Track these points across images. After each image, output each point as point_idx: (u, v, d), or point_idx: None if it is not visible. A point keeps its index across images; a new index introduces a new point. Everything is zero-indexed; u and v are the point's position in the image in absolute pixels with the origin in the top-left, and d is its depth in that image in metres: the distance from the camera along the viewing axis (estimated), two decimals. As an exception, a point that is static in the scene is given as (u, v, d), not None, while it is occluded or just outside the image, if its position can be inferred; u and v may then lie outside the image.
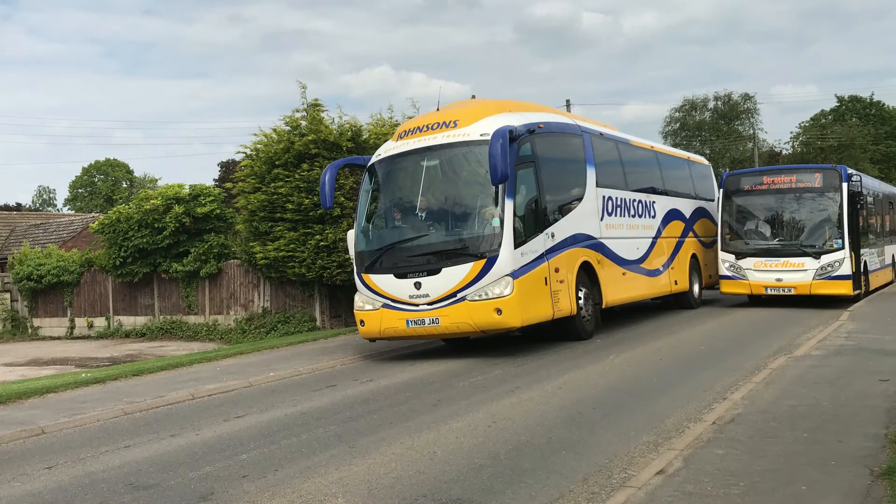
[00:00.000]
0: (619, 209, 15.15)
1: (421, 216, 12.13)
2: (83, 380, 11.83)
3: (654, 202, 16.93)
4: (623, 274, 14.93)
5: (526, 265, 11.67)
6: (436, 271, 11.59)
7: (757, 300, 18.19)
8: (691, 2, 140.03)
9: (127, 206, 23.48)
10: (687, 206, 18.72)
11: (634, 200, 15.98)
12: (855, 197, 17.79)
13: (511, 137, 11.33)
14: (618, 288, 14.53)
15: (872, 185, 21.86)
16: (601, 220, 14.30)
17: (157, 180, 75.72)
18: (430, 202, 12.12)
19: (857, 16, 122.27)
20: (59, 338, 25.45)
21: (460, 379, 10.24)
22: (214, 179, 45.05)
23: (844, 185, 17.30)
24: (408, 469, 6.20)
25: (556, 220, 12.66)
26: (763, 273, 17.47)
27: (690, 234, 18.65)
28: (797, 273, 17.18)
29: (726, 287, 18.24)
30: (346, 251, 15.85)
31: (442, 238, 11.96)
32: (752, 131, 60.37)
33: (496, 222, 11.44)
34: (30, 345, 24.33)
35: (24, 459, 7.46)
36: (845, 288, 17.02)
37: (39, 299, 26.59)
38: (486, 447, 6.70)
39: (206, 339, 21.30)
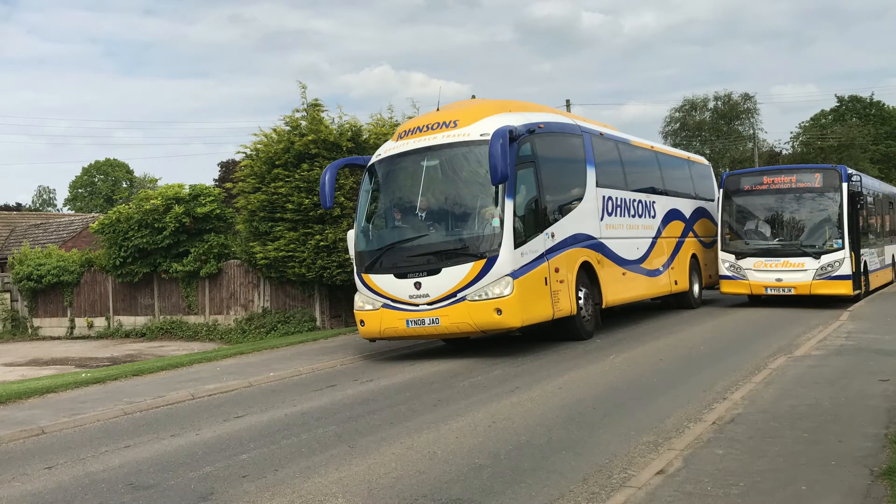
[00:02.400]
0: (619, 209, 15.15)
1: (421, 216, 12.13)
2: (83, 380, 11.83)
3: (654, 202, 16.93)
4: (623, 274, 14.93)
5: (526, 265, 11.66)
6: (436, 271, 11.59)
7: (757, 300, 18.20)
8: (691, 2, 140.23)
9: (127, 206, 23.47)
10: (687, 206, 18.73)
11: (634, 200, 15.98)
12: (855, 197, 17.79)
13: (511, 137, 11.33)
14: (618, 288, 14.53)
15: (872, 185, 21.85)
16: (601, 220, 14.30)
17: (157, 180, 75.90)
18: (430, 202, 12.12)
19: (857, 16, 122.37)
20: (59, 338, 25.44)
21: (460, 379, 10.24)
22: (214, 179, 45.05)
23: (844, 185, 17.29)
24: (408, 469, 6.20)
25: (556, 220, 12.66)
26: (763, 273, 17.47)
27: (690, 234, 18.66)
28: (797, 273, 17.18)
29: (726, 287, 18.24)
30: (346, 251, 15.85)
31: (442, 238, 11.96)
32: (752, 131, 60.39)
33: (496, 222, 11.44)
34: (30, 345, 24.33)
35: (24, 459, 7.46)
36: (845, 288, 17.02)
37: (39, 299, 26.59)
38: (486, 447, 6.70)
39: (206, 339, 21.31)
